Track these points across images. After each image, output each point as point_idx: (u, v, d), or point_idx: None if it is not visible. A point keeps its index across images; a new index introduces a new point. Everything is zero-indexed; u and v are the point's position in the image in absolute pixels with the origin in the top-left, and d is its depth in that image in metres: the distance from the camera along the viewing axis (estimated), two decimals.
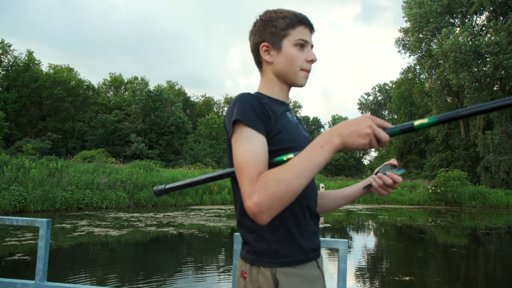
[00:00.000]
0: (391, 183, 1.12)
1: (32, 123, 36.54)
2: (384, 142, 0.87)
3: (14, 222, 2.01)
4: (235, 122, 0.97)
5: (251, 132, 0.96)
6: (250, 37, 1.18)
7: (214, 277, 5.55)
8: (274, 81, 1.16)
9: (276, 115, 1.08)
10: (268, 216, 0.85)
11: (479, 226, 13.06)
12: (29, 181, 12.54)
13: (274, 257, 1.02)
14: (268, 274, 1.00)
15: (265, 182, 0.85)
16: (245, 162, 0.92)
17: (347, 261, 1.63)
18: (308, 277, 1.04)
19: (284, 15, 1.12)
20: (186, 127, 39.02)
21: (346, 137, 0.86)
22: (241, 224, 1.08)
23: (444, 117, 0.86)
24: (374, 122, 0.87)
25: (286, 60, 1.12)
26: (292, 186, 0.84)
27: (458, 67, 29.67)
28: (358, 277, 5.85)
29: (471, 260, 7.70)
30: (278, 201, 0.84)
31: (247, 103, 1.00)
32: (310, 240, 1.08)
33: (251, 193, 0.86)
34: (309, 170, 0.85)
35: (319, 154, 0.86)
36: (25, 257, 6.15)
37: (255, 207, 0.84)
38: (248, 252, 1.06)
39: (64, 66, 41.81)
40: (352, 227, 12.31)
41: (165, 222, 10.92)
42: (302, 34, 1.12)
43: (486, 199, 22.15)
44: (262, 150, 0.95)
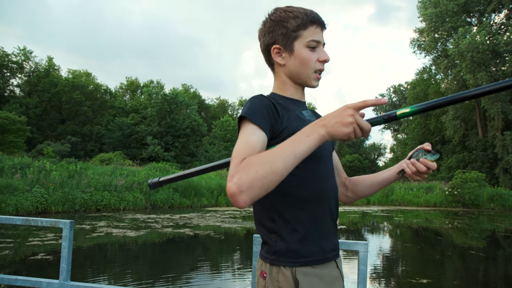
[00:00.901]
0: (426, 170, 1.10)
1: (52, 126, 37.40)
2: (367, 131, 0.87)
3: (39, 223, 2.04)
4: (241, 119, 1.00)
5: (253, 128, 0.97)
6: (260, 37, 1.17)
7: (230, 278, 5.62)
8: (287, 82, 1.16)
9: (291, 114, 1.08)
10: (247, 197, 0.81)
11: (498, 229, 12.82)
12: (50, 183, 12.87)
13: (294, 257, 1.02)
14: (288, 274, 1.01)
15: (249, 163, 0.84)
16: (238, 151, 0.91)
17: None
18: (328, 278, 1.04)
19: (294, 14, 1.10)
20: (201, 130, 39.31)
21: (331, 128, 0.86)
22: (261, 225, 1.09)
23: (425, 105, 0.88)
24: (355, 111, 0.87)
25: (298, 63, 1.11)
26: (276, 167, 0.82)
27: (475, 67, 29.11)
28: (375, 279, 5.85)
29: (490, 263, 7.58)
30: (260, 182, 0.81)
31: (256, 103, 1.01)
32: (330, 240, 1.09)
33: (233, 174, 0.83)
34: (292, 155, 0.84)
35: (304, 141, 0.86)
36: (47, 257, 6.32)
37: (234, 186, 0.81)
38: (267, 252, 1.06)
39: (82, 71, 42.64)
40: (367, 229, 12.25)
41: (181, 223, 11.06)
42: (313, 35, 1.10)
43: (505, 201, 21.60)
44: (259, 145, 0.94)
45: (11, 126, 23.30)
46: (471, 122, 35.74)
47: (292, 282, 1.00)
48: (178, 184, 16.81)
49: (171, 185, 16.55)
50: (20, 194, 11.79)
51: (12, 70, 36.29)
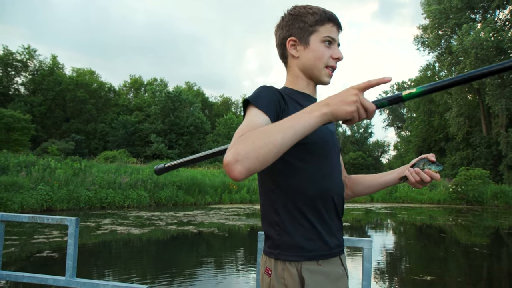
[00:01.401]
0: (429, 180, 1.12)
1: (57, 125, 37.58)
2: (371, 111, 0.86)
3: (45, 220, 2.04)
4: (246, 103, 1.00)
5: (257, 112, 0.97)
6: (277, 31, 1.19)
7: (234, 275, 5.65)
8: (300, 76, 1.17)
9: (299, 106, 1.08)
10: (242, 166, 0.78)
11: (502, 226, 12.78)
12: (55, 181, 12.95)
13: (299, 251, 1.02)
14: (293, 271, 1.01)
15: (247, 135, 0.83)
16: (240, 129, 0.91)
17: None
18: (333, 275, 1.05)
19: (313, 11, 1.13)
20: (204, 127, 39.39)
21: (334, 106, 0.85)
22: (266, 219, 1.10)
23: (432, 86, 0.85)
24: (359, 91, 0.86)
25: (312, 56, 1.12)
26: (274, 139, 0.80)
27: (479, 63, 28.92)
28: (379, 276, 5.85)
29: (494, 260, 7.57)
30: (256, 152, 0.78)
31: (262, 90, 1.02)
32: (334, 236, 1.09)
33: (231, 147, 0.82)
34: (292, 129, 0.82)
35: (305, 117, 0.84)
36: (53, 254, 6.38)
37: (230, 156, 0.79)
38: (271, 247, 1.07)
39: (86, 69, 42.78)
40: (371, 226, 12.24)
41: (185, 220, 11.11)
42: (330, 32, 1.12)
43: (510, 198, 21.48)
44: (260, 124, 0.93)
45: (16, 125, 23.44)
46: (475, 119, 35.56)
47: (298, 280, 1.00)
48: (182, 182, 16.87)
49: (175, 183, 16.61)
50: (25, 192, 11.88)
51: (16, 68, 36.46)
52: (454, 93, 34.66)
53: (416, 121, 45.61)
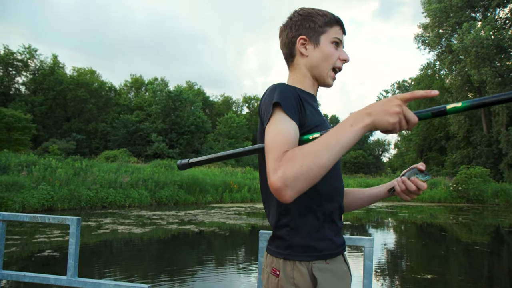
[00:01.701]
0: (415, 189, 1.10)
1: (58, 124, 37.63)
2: (413, 123, 0.84)
3: (46, 220, 2.04)
4: (275, 105, 0.97)
5: (286, 118, 0.95)
6: (284, 30, 1.19)
7: (235, 274, 5.65)
8: (307, 76, 1.17)
9: (313, 108, 1.10)
10: (292, 191, 0.80)
11: (502, 224, 12.78)
12: (56, 180, 12.97)
13: (310, 251, 1.02)
14: (304, 271, 1.00)
15: (292, 156, 0.82)
16: (275, 142, 0.90)
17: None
18: (340, 273, 1.06)
19: (323, 13, 1.15)
20: (205, 127, 39.42)
21: (376, 116, 0.83)
22: (274, 219, 1.09)
23: (478, 101, 0.82)
24: (403, 102, 0.84)
25: (322, 56, 1.13)
26: (320, 159, 0.80)
27: (479, 62, 28.92)
28: (380, 274, 5.87)
29: (495, 259, 7.58)
30: (305, 175, 0.79)
31: (288, 91, 1.00)
32: (339, 235, 1.11)
33: (276, 168, 0.81)
34: (339, 145, 0.82)
35: (349, 130, 0.83)
36: (54, 254, 6.39)
37: (279, 180, 0.79)
38: (279, 247, 1.06)
39: (87, 69, 42.83)
40: (372, 224, 12.25)
41: (186, 220, 11.12)
42: (338, 34, 1.15)
43: (510, 196, 21.48)
44: (293, 135, 0.93)
45: (17, 124, 23.47)
46: (475, 117, 35.54)
47: (309, 279, 1.00)
48: (183, 181, 16.89)
49: (176, 182, 16.62)
50: (26, 192, 11.90)
51: (17, 68, 36.50)
52: (454, 92, 34.66)
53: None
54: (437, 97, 39.24)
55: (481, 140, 33.00)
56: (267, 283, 1.06)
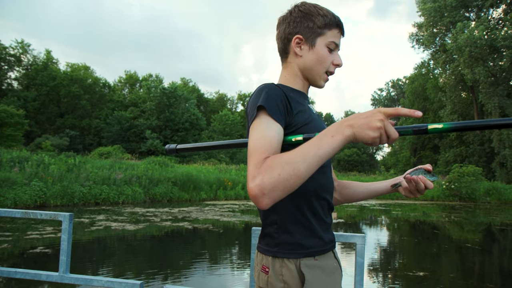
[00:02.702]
0: (423, 188, 1.11)
1: (51, 120, 37.36)
2: (393, 139, 0.84)
3: (38, 216, 2.02)
4: (259, 108, 0.97)
5: (270, 121, 0.96)
6: (282, 24, 1.16)
7: (229, 271, 5.66)
8: (298, 75, 1.16)
9: (303, 107, 1.09)
10: (269, 199, 0.81)
11: (494, 222, 12.92)
12: (49, 177, 12.88)
13: (298, 248, 1.03)
14: (292, 268, 1.01)
15: (271, 164, 0.82)
16: (257, 146, 0.90)
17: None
18: (328, 269, 1.07)
19: (324, 13, 1.12)
20: (200, 124, 39.38)
21: (357, 129, 0.83)
22: (263, 216, 1.10)
23: (460, 125, 0.83)
24: (385, 116, 0.84)
25: (315, 58, 1.12)
26: (299, 170, 0.81)
27: (473, 61, 29.14)
28: (372, 271, 5.90)
29: (486, 256, 7.65)
30: (282, 184, 0.80)
31: (273, 93, 1.00)
32: (328, 231, 1.11)
33: (255, 175, 0.82)
34: (316, 156, 0.82)
35: (328, 142, 0.83)
36: (46, 250, 6.35)
37: (256, 188, 0.80)
38: (269, 245, 1.07)
39: (81, 65, 42.49)
40: (365, 222, 12.32)
41: (180, 217, 11.11)
42: (335, 37, 1.13)
43: (502, 195, 21.78)
44: (276, 139, 0.94)
45: (9, 120, 23.26)
46: (468, 116, 35.83)
47: (297, 275, 1.01)
48: (177, 178, 16.85)
49: (170, 179, 16.58)
50: (18, 188, 11.81)
51: (9, 63, 36.11)
52: (448, 91, 34.90)
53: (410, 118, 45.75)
54: (431, 96, 39.62)
55: (474, 139, 33.31)
56: (258, 280, 1.07)
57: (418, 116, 0.83)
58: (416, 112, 0.82)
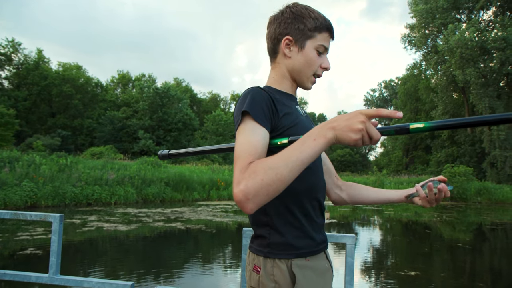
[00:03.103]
0: (442, 197, 1.13)
1: (42, 120, 36.96)
2: (376, 140, 0.85)
3: (28, 217, 2.01)
4: (244, 113, 0.98)
5: (255, 125, 0.96)
6: (273, 24, 1.16)
7: (222, 271, 5.66)
8: (286, 76, 1.17)
9: (289, 109, 1.10)
10: (253, 204, 0.83)
11: (484, 222, 13.05)
12: (40, 177, 12.75)
13: (289, 249, 1.03)
14: (284, 268, 1.02)
15: (254, 169, 0.84)
16: (242, 151, 0.91)
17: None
18: (320, 270, 1.07)
19: (315, 16, 1.12)
20: (193, 124, 39.25)
21: (339, 131, 0.84)
22: (254, 218, 1.10)
23: (439, 123, 0.85)
24: (367, 118, 0.84)
25: (304, 61, 1.13)
26: (281, 175, 0.82)
27: (464, 63, 29.45)
28: (364, 271, 5.93)
29: (477, 256, 7.73)
30: (266, 189, 0.82)
31: (258, 97, 1.00)
32: (320, 232, 1.12)
33: (240, 180, 0.84)
34: (299, 160, 0.84)
35: (311, 146, 0.84)
36: (36, 251, 6.29)
37: (241, 193, 0.82)
38: (260, 245, 1.07)
39: (73, 64, 42.05)
40: (358, 222, 12.38)
41: (172, 217, 11.07)
42: (325, 41, 1.13)
43: (492, 194, 22.04)
44: (261, 143, 0.94)
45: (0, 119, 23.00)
46: (459, 117, 36.17)
47: (288, 276, 1.01)
48: (169, 178, 16.80)
49: (163, 180, 16.52)
50: (8, 188, 11.67)
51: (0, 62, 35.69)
52: (440, 92, 35.21)
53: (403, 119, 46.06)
54: (423, 97, 39.94)
55: (465, 140, 33.66)
56: (250, 280, 1.08)
57: (399, 117, 0.83)
58: (397, 113, 0.82)
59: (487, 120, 0.82)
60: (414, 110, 44.33)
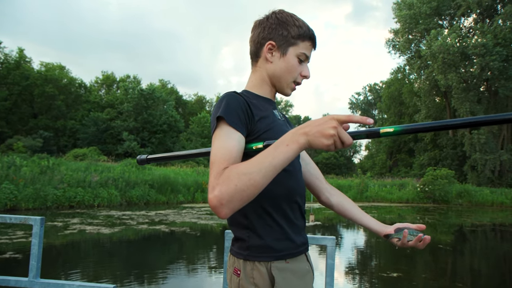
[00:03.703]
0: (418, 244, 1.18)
1: (23, 121, 36.17)
2: (348, 144, 0.86)
3: (7, 220, 1.96)
4: (218, 118, 0.99)
5: (230, 130, 0.97)
6: (257, 28, 1.17)
7: (205, 274, 5.64)
8: (265, 81, 1.18)
9: (265, 113, 1.11)
10: (228, 210, 0.84)
11: (465, 224, 13.33)
12: (20, 179, 12.48)
13: (269, 251, 1.04)
14: (263, 270, 1.02)
15: (228, 175, 0.85)
16: (217, 156, 0.93)
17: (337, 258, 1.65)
18: (300, 272, 1.08)
19: (299, 24, 1.13)
20: (178, 126, 39.01)
21: (311, 137, 0.85)
22: (233, 221, 1.10)
23: (408, 127, 0.89)
24: (339, 123, 0.86)
25: (285, 67, 1.14)
26: (254, 180, 0.84)
27: (446, 68, 30.09)
28: (347, 273, 5.99)
29: (457, 257, 7.89)
30: (239, 195, 0.84)
31: (233, 103, 1.01)
32: (300, 235, 1.12)
33: (214, 186, 0.85)
34: (271, 166, 0.85)
35: (283, 151, 0.86)
36: (16, 255, 6.16)
37: (215, 199, 0.84)
38: (240, 248, 1.07)
39: (56, 64, 41.32)
40: (342, 225, 12.48)
41: (157, 220, 10.97)
42: (307, 49, 1.15)
43: (472, 197, 22.54)
44: (236, 148, 0.96)
45: None
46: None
47: (268, 278, 1.02)
48: (154, 181, 16.66)
49: (147, 182, 16.37)
50: None
51: None
52: (423, 96, 35.86)
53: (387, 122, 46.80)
54: (407, 100, 40.59)
55: (447, 143, 34.36)
56: (230, 283, 1.08)
57: (370, 123, 0.86)
58: (368, 119, 0.85)
59: (449, 125, 0.87)
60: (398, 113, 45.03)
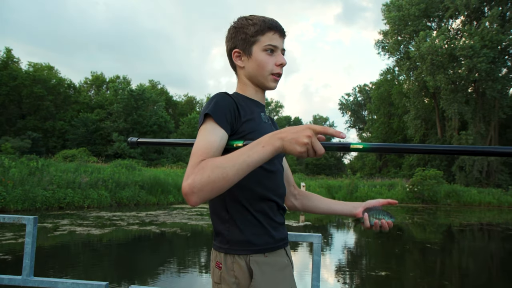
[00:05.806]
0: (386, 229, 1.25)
1: (11, 121, 35.71)
2: (320, 154, 0.92)
3: (1, 219, 1.96)
4: (206, 115, 1.05)
5: (214, 126, 1.03)
6: (225, 42, 1.25)
7: (196, 274, 5.66)
8: (248, 84, 1.24)
9: (251, 115, 1.16)
10: (197, 198, 0.89)
11: (453, 223, 13.52)
12: (9, 181, 12.34)
13: (248, 245, 1.09)
14: (242, 264, 1.08)
15: (204, 166, 0.90)
16: (197, 149, 0.98)
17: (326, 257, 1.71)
18: (279, 265, 1.13)
19: (254, 22, 1.17)
20: (168, 127, 38.85)
21: (286, 143, 0.90)
22: (215, 215, 1.16)
23: (376, 146, 0.96)
24: (314, 133, 0.91)
25: (256, 65, 1.18)
26: (227, 174, 0.89)
27: (434, 69, 30.49)
28: (337, 272, 6.05)
29: (446, 256, 8.01)
30: (210, 186, 0.88)
31: (222, 101, 1.08)
32: (278, 230, 1.17)
33: (189, 175, 0.90)
34: (245, 163, 0.90)
35: (258, 152, 0.91)
36: (5, 257, 6.09)
37: (187, 187, 0.88)
38: (221, 242, 1.13)
39: (44, 65, 40.91)
40: (332, 224, 12.58)
41: (147, 221, 10.94)
42: (271, 40, 1.17)
43: (460, 197, 22.89)
44: (217, 144, 1.01)
45: None
46: (430, 122, 37.34)
47: (247, 271, 1.07)
48: (144, 182, 16.58)
49: (137, 183, 16.29)
50: None
51: None
52: (412, 97, 36.24)
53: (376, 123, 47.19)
54: (396, 101, 40.95)
55: (436, 144, 34.71)
56: (213, 276, 1.14)
57: (343, 137, 0.92)
58: (341, 134, 0.91)
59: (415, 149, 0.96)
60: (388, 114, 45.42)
